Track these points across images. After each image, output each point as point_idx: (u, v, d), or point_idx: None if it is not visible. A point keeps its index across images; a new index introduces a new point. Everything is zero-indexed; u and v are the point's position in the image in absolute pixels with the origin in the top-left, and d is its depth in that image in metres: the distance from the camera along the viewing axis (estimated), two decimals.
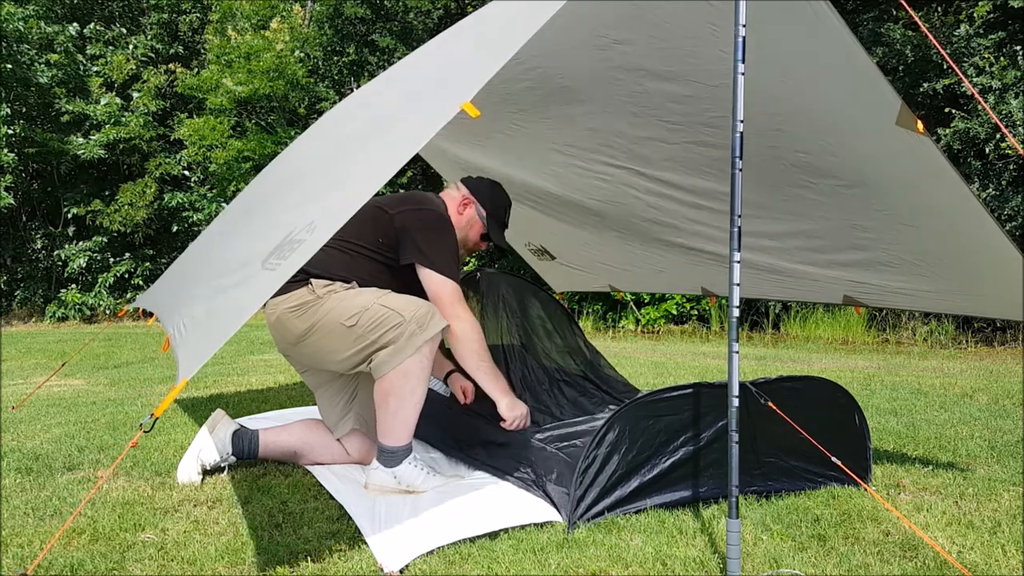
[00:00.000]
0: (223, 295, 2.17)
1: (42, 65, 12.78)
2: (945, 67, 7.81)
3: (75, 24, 13.46)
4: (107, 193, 13.65)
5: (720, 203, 3.08)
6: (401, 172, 12.27)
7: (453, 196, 2.88)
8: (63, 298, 13.16)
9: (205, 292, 2.42)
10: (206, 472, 2.64)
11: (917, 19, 2.08)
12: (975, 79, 7.45)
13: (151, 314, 3.34)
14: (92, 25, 13.73)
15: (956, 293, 2.87)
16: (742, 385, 2.19)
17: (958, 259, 2.66)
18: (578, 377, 3.56)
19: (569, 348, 3.65)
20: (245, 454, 2.70)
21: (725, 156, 2.75)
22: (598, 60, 2.53)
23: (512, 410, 2.60)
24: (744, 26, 1.77)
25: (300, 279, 2.51)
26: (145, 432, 1.64)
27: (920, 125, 2.20)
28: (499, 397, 2.61)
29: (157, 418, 1.65)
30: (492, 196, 2.92)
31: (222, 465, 2.67)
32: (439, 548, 1.95)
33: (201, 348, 1.82)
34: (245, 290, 1.96)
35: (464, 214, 2.86)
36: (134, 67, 13.64)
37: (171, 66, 14.11)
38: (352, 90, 4.34)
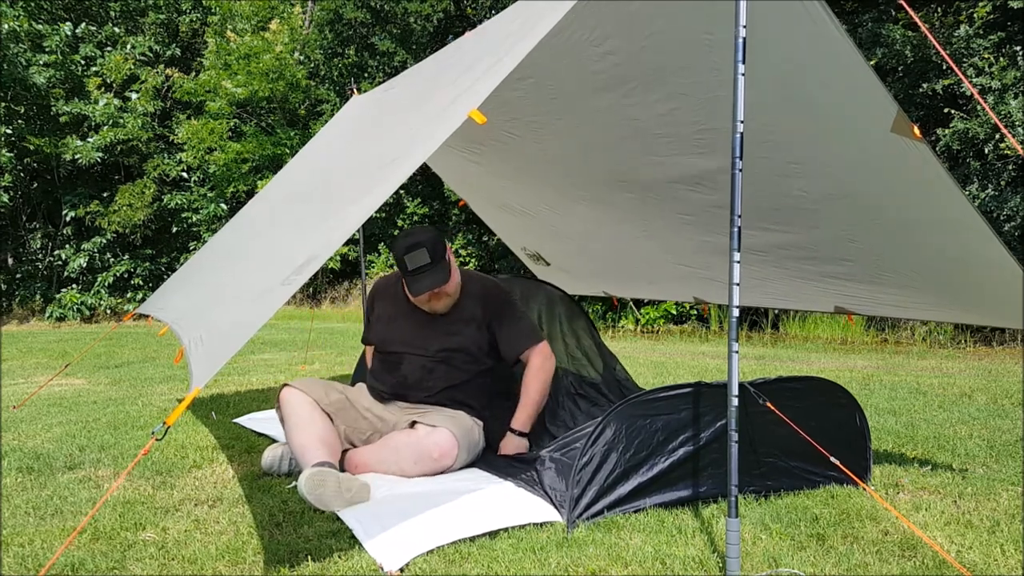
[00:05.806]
0: (240, 310, 2.20)
1: (39, 66, 12.76)
2: (945, 68, 7.82)
3: (68, 24, 13.43)
4: (106, 194, 13.64)
5: (711, 217, 3.06)
6: None
7: None
8: (62, 298, 13.16)
9: (226, 308, 2.46)
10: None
11: (917, 19, 2.08)
12: (975, 79, 7.45)
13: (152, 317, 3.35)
14: (84, 25, 13.70)
15: (950, 304, 2.84)
16: (741, 385, 2.19)
17: (952, 271, 2.63)
18: (595, 386, 3.52)
19: (584, 351, 3.63)
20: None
21: (715, 169, 2.73)
22: (589, 72, 2.53)
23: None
24: (745, 27, 1.78)
25: None
26: (157, 440, 1.65)
27: (916, 130, 2.17)
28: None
29: (169, 427, 1.67)
30: (393, 248, 2.73)
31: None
32: (439, 547, 1.95)
33: (213, 358, 1.84)
34: (260, 304, 1.99)
35: None
36: (132, 67, 13.63)
37: (168, 71, 14.09)
38: (352, 92, 4.38)
